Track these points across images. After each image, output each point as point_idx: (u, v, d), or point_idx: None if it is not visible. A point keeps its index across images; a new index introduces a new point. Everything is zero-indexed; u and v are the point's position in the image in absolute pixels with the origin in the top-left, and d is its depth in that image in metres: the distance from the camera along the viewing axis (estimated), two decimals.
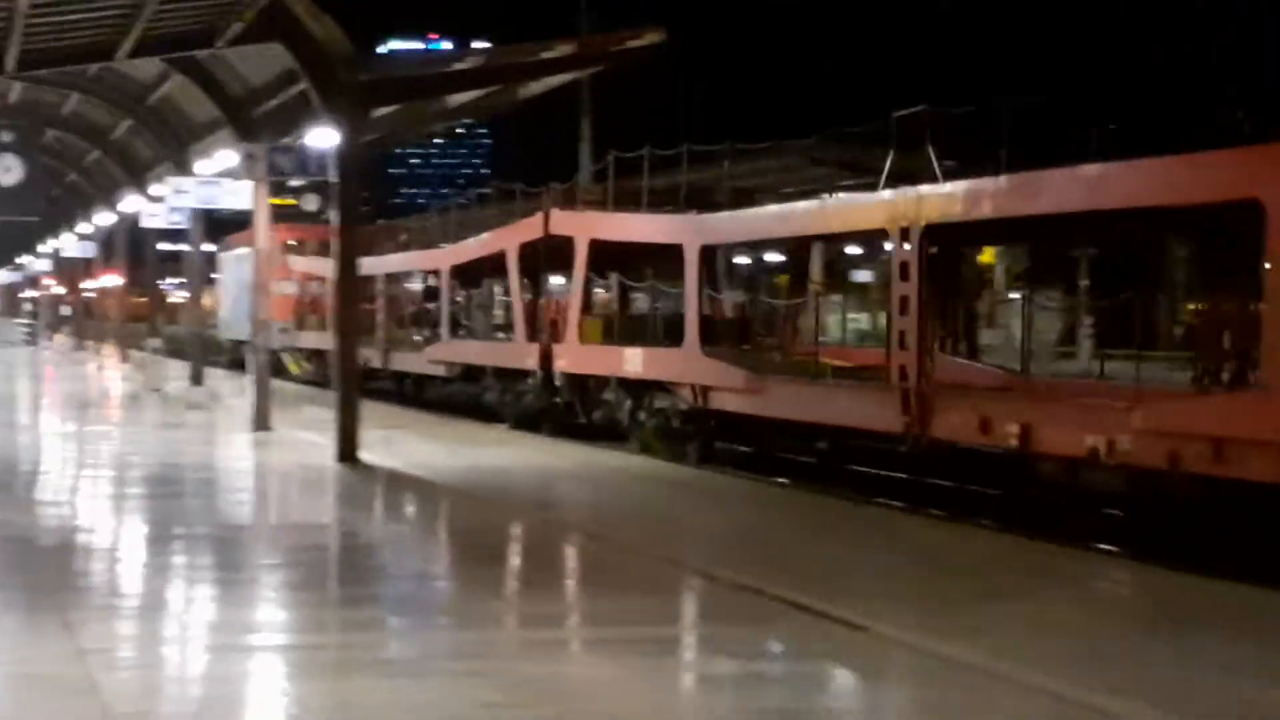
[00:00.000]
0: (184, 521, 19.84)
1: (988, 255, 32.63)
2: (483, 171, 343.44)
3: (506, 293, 41.25)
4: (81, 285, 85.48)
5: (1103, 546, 19.34)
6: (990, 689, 11.07)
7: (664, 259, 32.44)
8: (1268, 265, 18.23)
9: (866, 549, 18.18)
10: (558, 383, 35.56)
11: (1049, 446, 21.19)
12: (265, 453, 28.63)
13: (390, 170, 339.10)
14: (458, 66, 29.75)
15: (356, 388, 27.50)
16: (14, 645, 12.25)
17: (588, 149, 52.71)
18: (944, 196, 23.92)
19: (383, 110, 29.65)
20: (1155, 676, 11.47)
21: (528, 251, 37.29)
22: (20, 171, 20.76)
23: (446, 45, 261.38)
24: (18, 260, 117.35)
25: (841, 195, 27.70)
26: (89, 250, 71.41)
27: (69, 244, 74.09)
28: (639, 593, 14.99)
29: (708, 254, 30.65)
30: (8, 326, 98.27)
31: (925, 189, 24.44)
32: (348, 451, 26.46)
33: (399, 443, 29.78)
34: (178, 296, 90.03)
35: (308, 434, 31.22)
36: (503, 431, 35.21)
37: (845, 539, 18.99)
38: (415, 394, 45.93)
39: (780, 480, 26.61)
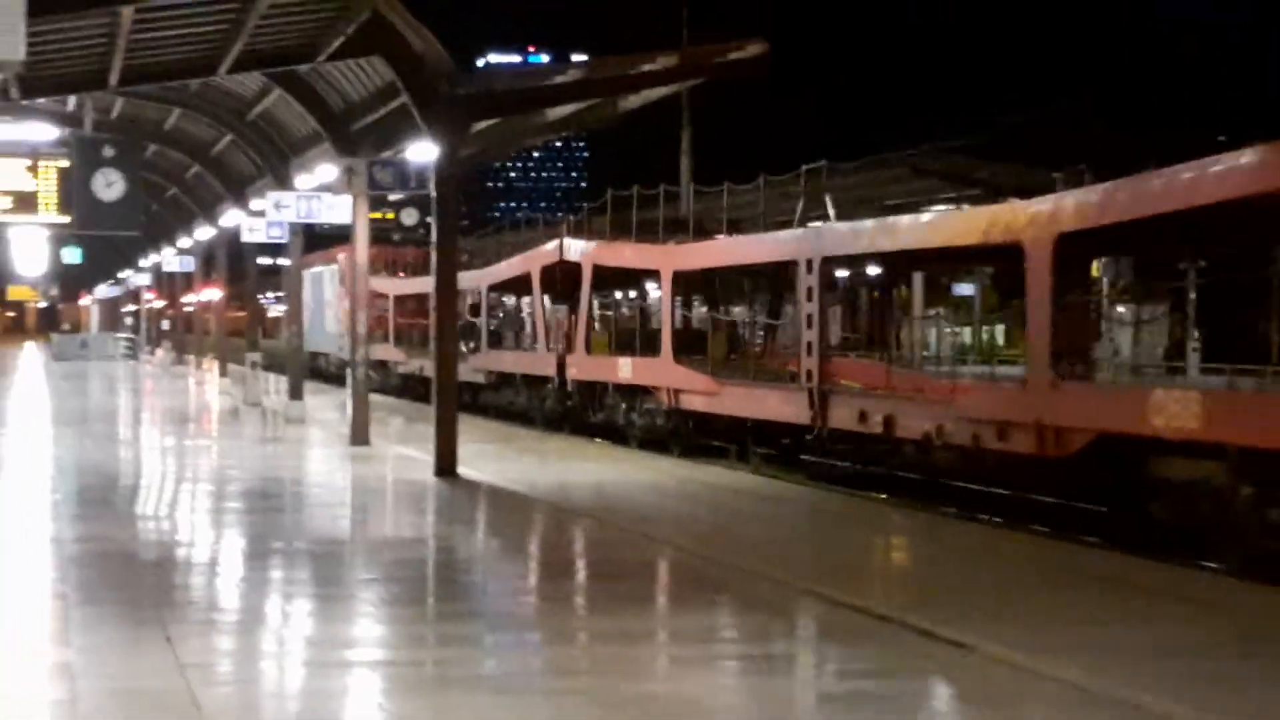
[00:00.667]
0: (283, 536, 19.91)
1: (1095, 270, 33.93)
2: (581, 185, 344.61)
3: (532, 309, 46.63)
4: (181, 299, 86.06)
5: (1209, 565, 19.10)
6: (1096, 711, 10.90)
7: (651, 281, 39.42)
8: (1027, 291, 23.63)
9: (971, 567, 17.99)
10: (570, 388, 40.79)
11: (903, 432, 26.51)
12: (364, 467, 28.68)
13: (488, 184, 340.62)
14: (557, 79, 29.68)
15: (455, 403, 27.47)
16: (117, 659, 12.29)
17: (687, 162, 52.55)
18: (835, 234, 29.81)
19: (482, 124, 29.63)
20: (1264, 699, 11.27)
21: (548, 274, 42.61)
22: (122, 186, 20.85)
23: (545, 58, 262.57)
24: (119, 275, 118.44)
25: (772, 232, 33.36)
26: (189, 265, 71.83)
27: (169, 258, 74.58)
28: (740, 610, 14.89)
29: (679, 277, 36.50)
30: (109, 341, 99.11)
31: (822, 228, 30.36)
32: (446, 466, 26.45)
33: (494, 457, 29.80)
34: (277, 311, 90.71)
35: (406, 448, 31.29)
36: (600, 446, 35.19)
37: (949, 557, 18.80)
38: (471, 401, 47.40)
39: (881, 496, 26.55)
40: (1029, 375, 23.86)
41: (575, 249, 40.69)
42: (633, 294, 44.48)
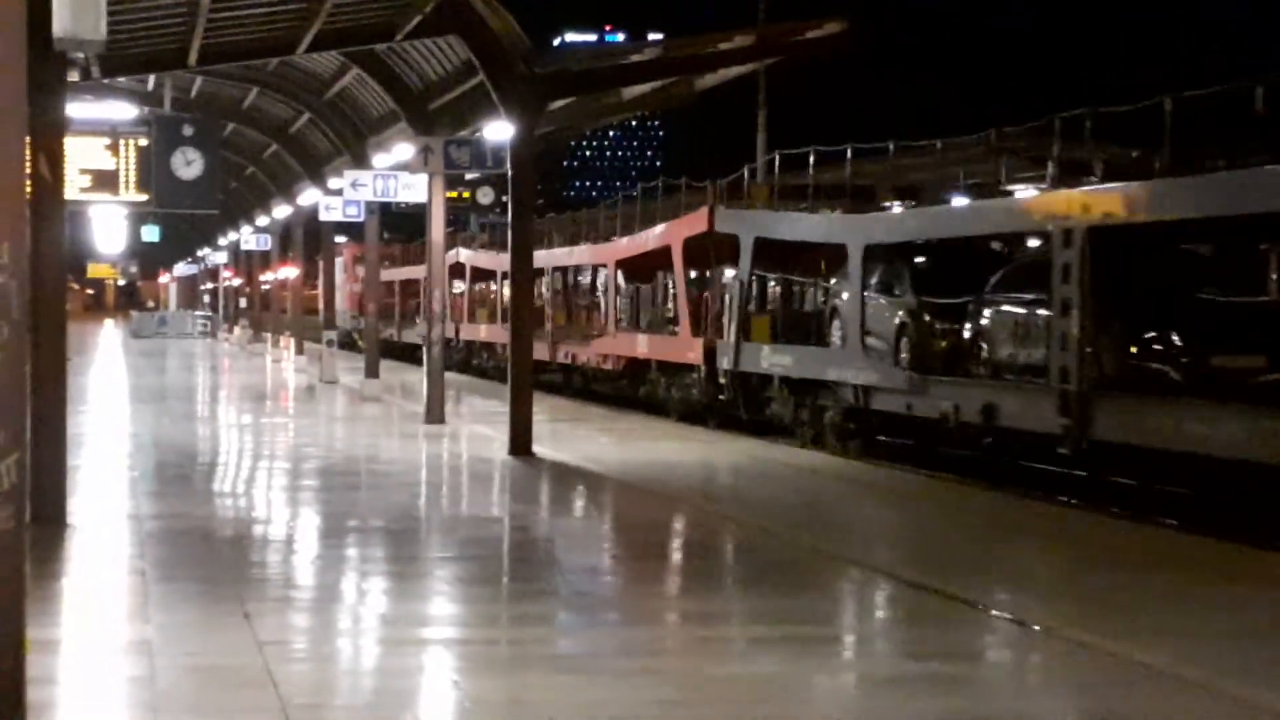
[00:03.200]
0: (359, 514, 19.96)
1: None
2: (656, 164, 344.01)
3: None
4: (259, 278, 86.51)
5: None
6: (1176, 695, 10.83)
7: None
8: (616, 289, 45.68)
9: (1045, 549, 17.91)
10: (459, 345, 59.57)
11: (578, 362, 46.19)
12: (439, 445, 28.77)
13: (563, 163, 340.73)
14: (633, 58, 29.63)
15: (530, 382, 27.48)
16: (195, 636, 12.35)
17: (763, 141, 52.42)
18: (575, 253, 50.89)
19: (558, 103, 29.61)
20: None
21: (453, 269, 56.42)
22: (201, 165, 20.89)
23: (621, 38, 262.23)
24: (197, 253, 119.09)
25: (551, 249, 52.92)
26: (266, 243, 72.21)
27: (247, 236, 74.97)
28: (813, 590, 14.85)
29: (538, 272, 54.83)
30: (187, 318, 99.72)
31: (553, 252, 51.84)
32: (521, 445, 26.47)
33: (567, 436, 29.79)
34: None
35: (481, 427, 31.37)
36: (672, 425, 35.17)
37: (1021, 538, 18.71)
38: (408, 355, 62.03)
39: (947, 475, 26.41)
40: (609, 329, 44.25)
41: (464, 255, 60.86)
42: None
